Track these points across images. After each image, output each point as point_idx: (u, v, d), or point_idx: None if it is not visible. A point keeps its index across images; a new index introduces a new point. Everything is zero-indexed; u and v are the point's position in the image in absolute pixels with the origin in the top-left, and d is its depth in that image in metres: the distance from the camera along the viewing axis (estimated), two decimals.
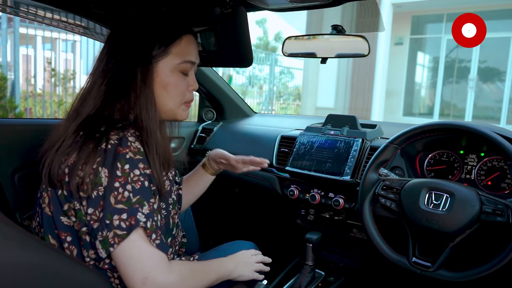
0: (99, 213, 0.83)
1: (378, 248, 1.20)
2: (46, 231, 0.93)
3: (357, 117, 1.58)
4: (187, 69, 1.02)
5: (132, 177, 0.85)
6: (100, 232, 0.83)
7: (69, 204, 0.88)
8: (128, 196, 0.84)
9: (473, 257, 1.11)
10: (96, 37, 1.69)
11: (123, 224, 0.83)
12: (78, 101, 0.98)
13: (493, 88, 8.83)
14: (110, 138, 0.86)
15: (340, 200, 1.44)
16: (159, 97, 0.99)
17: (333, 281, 1.50)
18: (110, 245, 0.82)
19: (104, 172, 0.83)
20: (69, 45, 6.17)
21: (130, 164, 0.85)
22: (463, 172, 1.29)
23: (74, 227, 0.90)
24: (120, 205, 0.83)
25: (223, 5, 1.15)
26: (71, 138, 0.89)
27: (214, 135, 2.01)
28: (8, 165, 1.29)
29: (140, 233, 0.84)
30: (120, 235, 0.82)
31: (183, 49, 1.00)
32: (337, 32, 1.34)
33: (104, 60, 0.97)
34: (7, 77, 5.25)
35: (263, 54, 10.03)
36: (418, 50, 9.70)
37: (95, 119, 0.92)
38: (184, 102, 1.05)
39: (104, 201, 0.83)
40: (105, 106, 0.94)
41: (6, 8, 1.39)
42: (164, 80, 0.98)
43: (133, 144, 0.87)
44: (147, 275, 0.83)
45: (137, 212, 0.84)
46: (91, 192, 0.84)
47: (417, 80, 9.95)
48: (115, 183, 0.83)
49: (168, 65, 0.98)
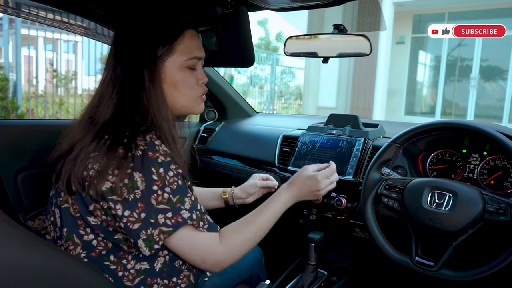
0: (138, 214, 0.86)
1: (380, 247, 1.20)
2: (71, 230, 0.93)
3: (359, 117, 1.58)
4: (194, 64, 1.03)
5: (168, 179, 0.88)
6: (143, 231, 0.86)
7: (95, 205, 0.89)
8: (168, 197, 0.88)
9: (476, 256, 1.11)
10: (97, 37, 1.69)
11: (169, 222, 0.88)
12: (90, 109, 0.99)
13: (495, 86, 8.81)
14: (138, 143, 0.88)
15: (343, 200, 1.44)
16: (170, 95, 1.01)
17: (335, 280, 1.50)
18: (155, 243, 0.87)
19: (140, 177, 0.86)
20: (71, 46, 6.19)
21: (163, 168, 0.88)
22: (466, 171, 1.29)
23: (103, 225, 0.91)
24: (162, 205, 0.87)
25: (225, 5, 1.15)
26: (93, 144, 0.90)
27: (216, 135, 2.01)
28: (10, 165, 1.29)
29: (187, 228, 0.91)
30: (166, 231, 0.87)
31: (188, 45, 1.00)
32: (338, 31, 1.33)
33: (111, 68, 0.98)
34: (9, 78, 5.27)
35: (265, 54, 10.03)
36: (419, 49, 9.69)
37: (116, 123, 0.93)
38: (197, 96, 1.06)
39: (143, 203, 0.86)
40: (120, 112, 0.95)
41: (8, 9, 1.39)
42: (173, 79, 1.00)
43: (160, 147, 0.90)
44: (204, 257, 0.93)
45: (180, 210, 0.89)
46: (127, 196, 0.85)
47: (419, 79, 9.94)
48: (153, 186, 0.86)
49: (175, 63, 0.99)
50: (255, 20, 17.50)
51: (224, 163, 1.88)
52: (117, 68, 0.97)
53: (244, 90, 9.56)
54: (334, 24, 1.33)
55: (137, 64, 0.96)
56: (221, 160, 1.91)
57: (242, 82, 9.98)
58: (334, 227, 1.57)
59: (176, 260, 1.00)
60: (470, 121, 1.20)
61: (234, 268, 1.26)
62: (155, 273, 0.96)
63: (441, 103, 9.18)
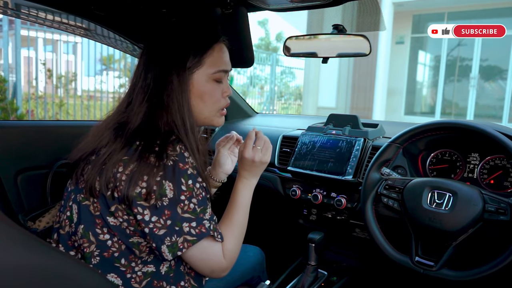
0: (164, 221, 0.89)
1: (381, 247, 1.20)
2: (88, 228, 0.95)
3: (358, 117, 1.58)
4: (221, 77, 1.06)
5: (196, 191, 0.92)
6: (168, 237, 0.90)
7: (117, 206, 0.92)
8: (193, 207, 0.91)
9: (476, 256, 1.11)
10: (97, 38, 1.70)
11: (193, 231, 0.91)
12: (118, 114, 1.02)
13: (494, 86, 8.81)
14: (170, 154, 0.91)
15: (343, 200, 1.44)
16: (196, 106, 1.03)
17: (335, 281, 1.50)
18: (179, 250, 0.90)
19: (169, 186, 0.89)
20: (70, 46, 6.19)
21: (192, 180, 0.91)
22: (466, 171, 1.29)
23: (121, 226, 0.94)
24: (187, 215, 0.90)
25: (224, 5, 1.15)
26: (124, 150, 0.92)
27: (216, 135, 2.01)
28: (10, 167, 1.29)
29: (208, 239, 0.95)
30: (191, 240, 0.91)
31: (216, 58, 1.03)
32: (338, 31, 1.34)
33: (142, 76, 1.01)
34: (8, 79, 5.26)
35: (264, 54, 10.03)
36: (419, 49, 9.69)
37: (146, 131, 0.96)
38: (219, 109, 1.09)
39: (170, 211, 0.89)
40: (150, 119, 0.98)
41: (8, 10, 1.39)
42: (200, 90, 1.02)
43: (189, 160, 0.93)
44: (213, 268, 0.98)
45: (203, 220, 0.93)
46: (155, 202, 0.89)
47: (419, 79, 9.94)
48: (181, 196, 0.89)
49: (203, 75, 1.02)
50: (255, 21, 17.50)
51: None
52: (148, 76, 1.00)
53: (244, 91, 9.55)
54: (334, 24, 1.33)
55: (167, 73, 0.99)
56: None
57: (242, 83, 9.98)
58: (334, 227, 1.57)
59: (181, 265, 1.02)
60: (470, 121, 1.20)
61: (236, 271, 1.27)
62: (161, 276, 0.99)
63: (440, 103, 9.17)
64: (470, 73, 8.66)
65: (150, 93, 0.99)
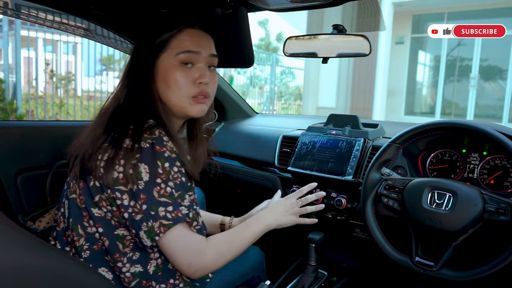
0: (140, 205, 0.88)
1: (381, 247, 1.20)
2: (76, 221, 0.96)
3: (358, 117, 1.58)
4: (188, 59, 1.00)
5: (173, 174, 0.91)
6: (144, 223, 0.89)
7: (100, 195, 0.92)
8: (170, 191, 0.90)
9: (477, 256, 1.11)
10: (97, 38, 1.69)
11: (169, 215, 0.89)
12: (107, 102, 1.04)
13: (494, 86, 8.81)
14: (147, 137, 0.90)
15: (343, 200, 1.44)
16: (163, 92, 1.01)
17: (336, 281, 1.50)
18: (156, 234, 0.89)
19: (144, 168, 0.88)
20: (70, 47, 6.19)
21: (169, 162, 0.90)
22: (466, 171, 1.29)
23: (106, 217, 0.93)
24: (163, 199, 0.89)
25: (224, 5, 1.15)
26: (103, 136, 0.94)
27: (216, 135, 2.01)
28: (10, 167, 1.29)
29: (184, 225, 0.92)
30: (166, 224, 0.89)
31: (183, 40, 1.00)
32: (338, 31, 1.34)
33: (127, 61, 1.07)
34: (8, 79, 5.26)
35: (264, 54, 10.03)
36: (419, 49, 9.69)
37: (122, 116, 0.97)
38: (190, 96, 1.02)
39: (146, 195, 0.88)
40: (127, 103, 0.99)
41: (7, 10, 1.39)
42: (165, 75, 1.00)
43: (168, 143, 0.92)
44: (191, 260, 0.93)
45: (180, 205, 0.90)
46: (132, 186, 0.88)
47: (419, 79, 9.94)
48: (157, 179, 0.88)
49: (168, 60, 1.00)
50: (255, 21, 17.51)
51: (224, 164, 1.88)
52: (127, 64, 1.05)
53: (243, 91, 9.55)
54: (334, 24, 1.33)
55: (136, 59, 1.02)
56: (221, 161, 1.91)
57: (242, 83, 9.99)
58: (334, 228, 1.57)
59: (169, 263, 1.00)
60: (470, 121, 1.20)
61: (236, 271, 1.26)
62: (149, 275, 0.97)
63: (440, 103, 9.17)
64: (470, 73, 8.66)
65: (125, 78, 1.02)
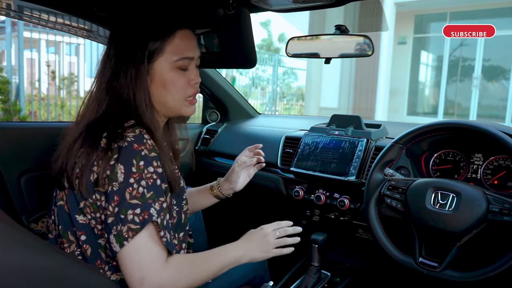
0: (113, 208, 0.86)
1: (384, 248, 1.19)
2: (65, 228, 0.95)
3: (361, 117, 1.58)
4: (186, 65, 1.01)
5: (146, 174, 0.87)
6: (114, 227, 0.85)
7: (85, 202, 0.91)
8: (142, 192, 0.86)
9: (480, 257, 1.10)
10: (99, 39, 1.70)
11: (137, 219, 0.85)
12: (84, 106, 1.00)
13: (497, 86, 8.79)
14: (127, 135, 0.88)
15: (346, 201, 1.44)
16: (159, 96, 1.00)
17: (339, 281, 1.50)
18: (124, 239, 0.84)
19: (120, 169, 0.86)
20: (73, 48, 6.20)
21: (144, 161, 0.87)
22: (469, 171, 1.28)
23: (90, 225, 0.92)
24: (134, 200, 0.86)
25: (226, 6, 1.15)
26: (79, 141, 0.92)
27: (218, 136, 2.01)
28: (14, 168, 1.30)
29: (151, 229, 0.87)
30: (134, 229, 0.85)
31: (179, 45, 0.99)
32: (340, 32, 1.33)
33: (103, 64, 1.00)
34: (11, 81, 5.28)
35: (266, 55, 10.03)
36: (421, 49, 9.67)
37: (100, 121, 0.94)
38: (186, 97, 1.04)
39: (119, 197, 0.85)
40: (108, 108, 0.96)
41: (10, 12, 1.40)
42: (162, 79, 0.99)
43: (148, 141, 0.90)
44: (145, 274, 0.85)
45: (150, 207, 0.87)
46: (107, 188, 0.86)
47: (421, 79, 9.92)
48: (130, 179, 0.86)
49: (165, 63, 0.98)
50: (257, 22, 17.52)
51: (227, 165, 1.87)
52: (108, 64, 0.98)
53: (246, 92, 9.55)
54: (336, 24, 1.33)
55: (126, 62, 0.96)
56: (224, 161, 1.91)
57: (244, 84, 9.98)
58: (337, 228, 1.56)
59: None
60: (473, 121, 1.19)
61: (237, 270, 1.25)
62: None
63: (443, 103, 9.15)
64: (472, 73, 8.63)
65: (109, 80, 0.97)
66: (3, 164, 1.27)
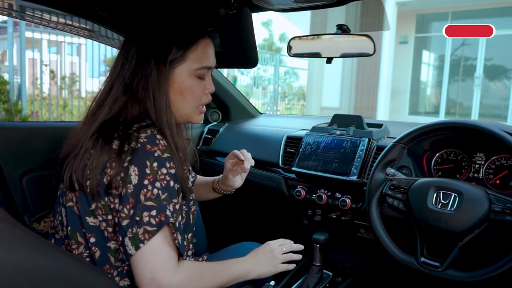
0: (128, 210, 0.85)
1: (386, 248, 1.19)
2: (74, 229, 0.94)
3: (363, 117, 1.57)
4: (204, 74, 1.02)
5: (160, 175, 0.87)
6: (130, 229, 0.85)
7: (96, 204, 0.90)
8: (157, 193, 0.87)
9: (482, 256, 1.10)
10: (101, 39, 1.70)
11: (153, 221, 0.85)
12: (95, 105, 0.99)
13: (499, 86, 8.77)
14: (139, 136, 0.88)
15: (347, 200, 1.44)
16: (175, 102, 1.00)
17: (340, 281, 1.50)
18: (140, 241, 0.85)
19: (134, 171, 0.86)
20: (74, 48, 6.21)
21: (158, 162, 0.87)
22: (471, 171, 1.28)
23: (100, 227, 0.91)
24: (149, 202, 0.86)
25: (228, 6, 1.15)
26: (90, 141, 0.91)
27: (220, 136, 2.01)
28: (16, 168, 1.30)
29: (166, 231, 0.88)
30: (150, 231, 0.85)
31: (200, 54, 1.00)
32: (342, 31, 1.33)
33: (119, 65, 0.98)
34: (13, 81, 5.29)
35: (268, 55, 10.03)
36: (423, 49, 9.65)
37: (113, 122, 0.94)
38: (199, 105, 1.05)
39: (134, 199, 0.85)
40: (122, 111, 0.96)
41: (12, 12, 1.40)
42: (181, 86, 0.99)
43: (161, 142, 0.90)
44: (155, 276, 0.85)
45: (165, 208, 0.87)
46: (121, 190, 0.86)
47: (423, 79, 9.90)
48: (144, 180, 0.86)
49: (185, 71, 0.98)
50: (259, 21, 17.51)
51: None
52: (126, 66, 0.97)
53: (247, 91, 9.56)
54: (337, 24, 1.33)
55: (146, 65, 0.95)
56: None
57: (246, 83, 9.99)
58: (339, 228, 1.56)
59: None
60: (475, 120, 1.19)
61: None
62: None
63: (445, 102, 9.14)
64: (474, 73, 8.62)
65: (127, 82, 0.96)
66: (5, 164, 1.27)
